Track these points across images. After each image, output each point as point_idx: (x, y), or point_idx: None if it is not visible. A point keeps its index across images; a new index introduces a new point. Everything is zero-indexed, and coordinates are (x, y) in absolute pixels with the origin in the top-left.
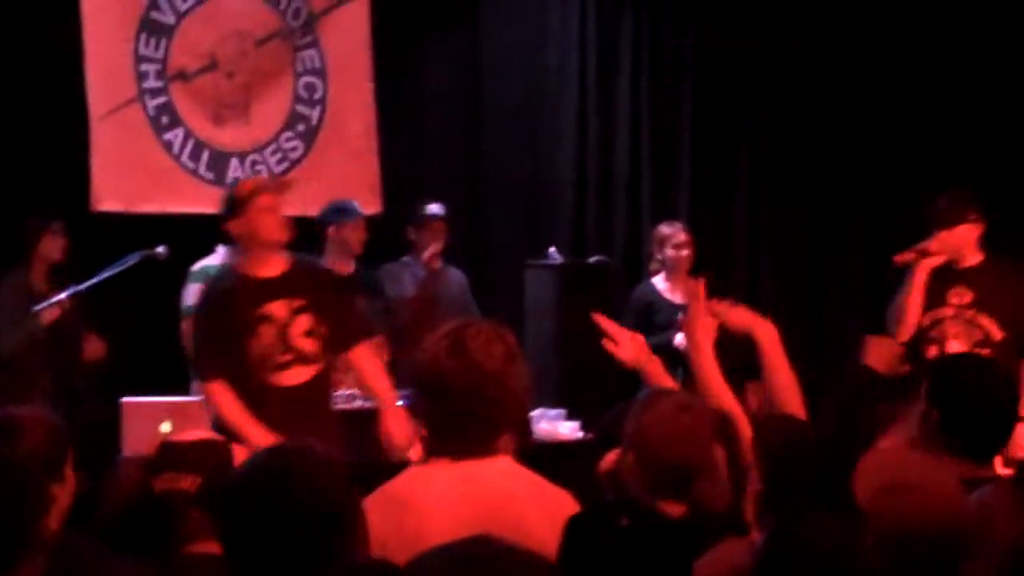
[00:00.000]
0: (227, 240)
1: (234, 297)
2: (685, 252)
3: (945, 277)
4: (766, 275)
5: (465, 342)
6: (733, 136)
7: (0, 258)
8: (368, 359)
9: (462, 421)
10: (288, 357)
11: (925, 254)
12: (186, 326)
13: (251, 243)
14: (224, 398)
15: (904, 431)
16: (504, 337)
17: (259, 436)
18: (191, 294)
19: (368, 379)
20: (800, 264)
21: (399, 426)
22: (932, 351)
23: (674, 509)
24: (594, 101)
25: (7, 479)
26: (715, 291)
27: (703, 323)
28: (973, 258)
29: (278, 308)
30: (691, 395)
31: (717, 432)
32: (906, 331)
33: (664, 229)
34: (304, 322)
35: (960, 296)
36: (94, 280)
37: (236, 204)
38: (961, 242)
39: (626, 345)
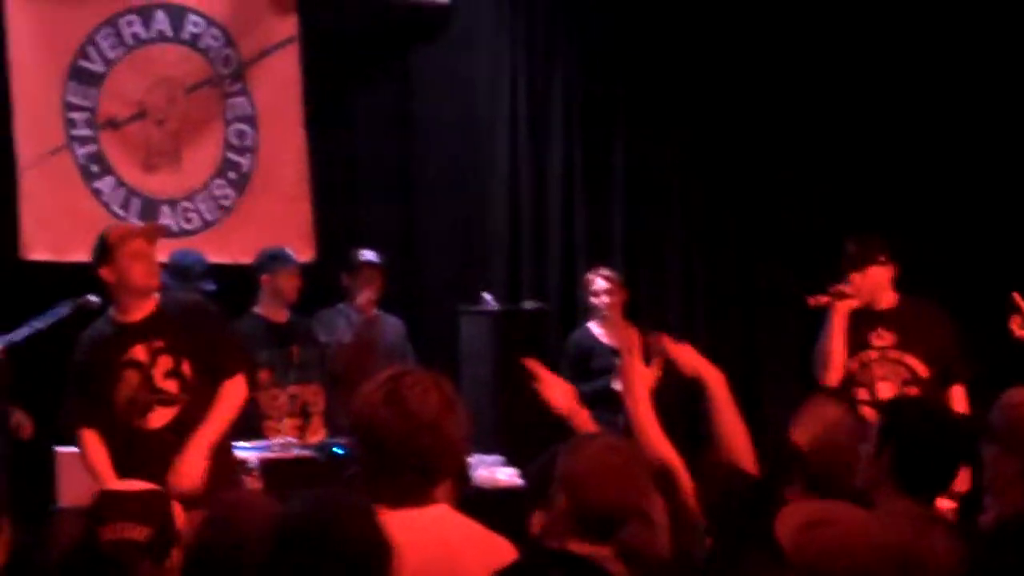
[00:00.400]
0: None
1: (102, 344)
2: (606, 299)
3: (865, 320)
4: (700, 318)
5: (401, 391)
6: (666, 182)
7: None
8: (227, 393)
9: (398, 470)
10: (151, 399)
11: (840, 296)
12: None
13: (120, 289)
14: (91, 446)
15: None
16: (441, 385)
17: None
18: None
19: (210, 411)
20: (733, 307)
21: (188, 467)
22: (862, 394)
23: (602, 551)
24: (526, 147)
25: None
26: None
27: (639, 373)
28: (888, 300)
29: (140, 351)
30: (621, 438)
31: (656, 482)
32: (833, 375)
33: (587, 276)
34: (165, 363)
35: (882, 338)
36: (25, 330)
37: (107, 250)
38: (873, 284)
39: (556, 391)
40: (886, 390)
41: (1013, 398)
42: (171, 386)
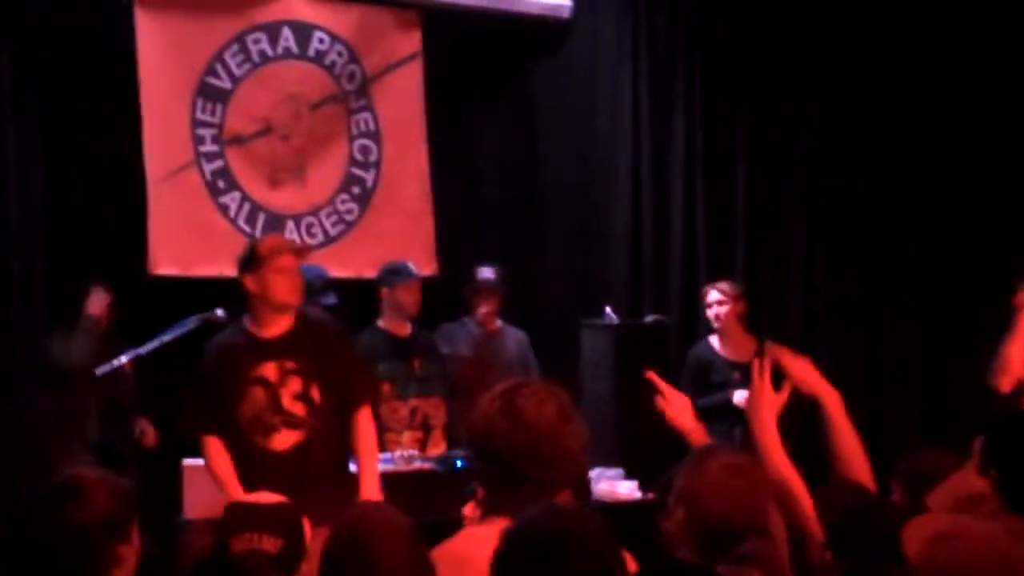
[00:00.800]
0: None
1: (234, 355)
2: (720, 310)
3: None
4: (823, 334)
5: (517, 402)
6: (789, 196)
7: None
8: (363, 426)
9: (517, 481)
10: (276, 420)
11: None
12: None
13: (260, 302)
14: (214, 453)
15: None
16: (557, 396)
17: (239, 495)
18: None
19: (358, 447)
20: (855, 318)
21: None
22: None
23: (725, 571)
24: (648, 162)
25: (72, 540)
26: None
27: (767, 397)
28: None
29: (271, 370)
30: (744, 455)
31: (778, 506)
32: (1008, 381)
33: (704, 289)
34: (295, 385)
35: None
36: (153, 343)
37: (255, 259)
38: None
39: (675, 405)
40: None
41: None
42: (298, 409)
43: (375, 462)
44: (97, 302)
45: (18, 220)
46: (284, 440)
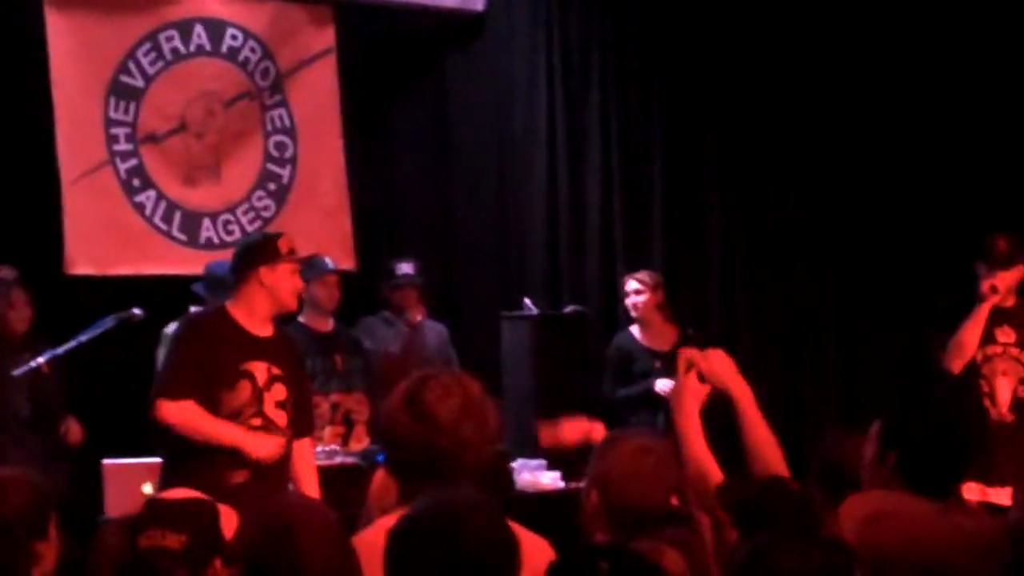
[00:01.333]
0: (198, 302)
1: (223, 341)
2: (638, 300)
3: (992, 316)
4: (741, 319)
5: (421, 396)
6: (704, 186)
7: None
8: (308, 455)
9: (420, 473)
10: (258, 422)
11: (994, 290)
12: None
13: (263, 298)
14: (195, 411)
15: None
16: (465, 388)
17: (240, 435)
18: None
19: (302, 475)
20: (773, 306)
21: None
22: (983, 387)
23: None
24: (563, 153)
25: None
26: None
27: (691, 388)
28: (1011, 299)
29: (260, 369)
30: (654, 439)
31: (702, 500)
32: (961, 363)
33: (623, 279)
34: (278, 392)
35: (1006, 335)
36: (71, 344)
37: (274, 254)
38: (1013, 282)
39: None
40: (1004, 386)
41: None
42: (279, 417)
43: (316, 493)
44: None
45: None
46: None
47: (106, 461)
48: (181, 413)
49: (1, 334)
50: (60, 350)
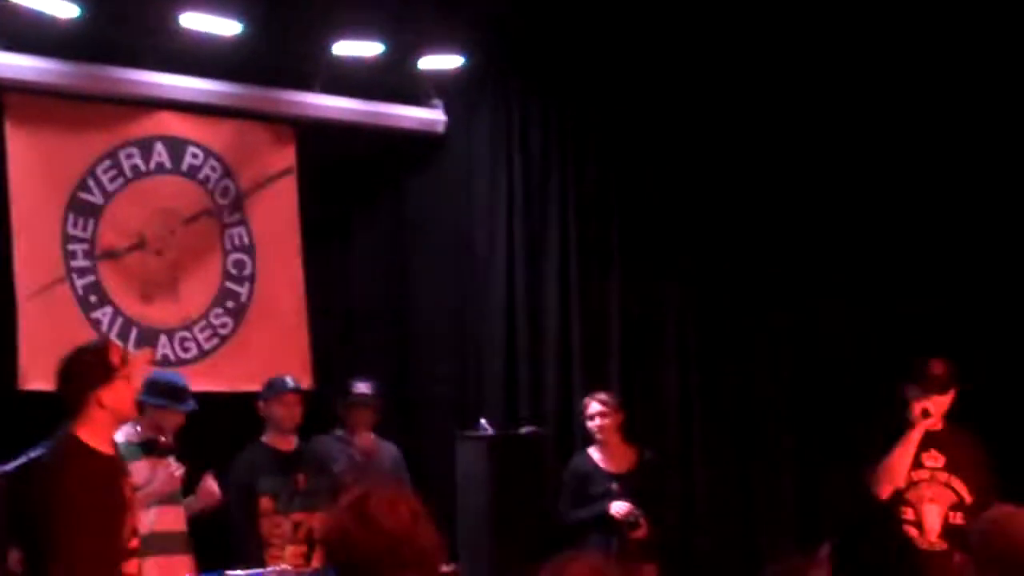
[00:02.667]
0: None
1: (109, 475)
2: (601, 422)
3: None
4: (697, 442)
5: (369, 509)
6: (660, 310)
7: None
8: None
9: None
10: (135, 543)
11: (927, 415)
12: None
13: (107, 417)
14: None
15: None
16: (406, 499)
17: None
18: None
19: None
20: (729, 423)
21: None
22: (909, 514)
23: None
24: (522, 275)
25: None
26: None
27: None
28: (940, 423)
29: (128, 488)
30: (602, 559)
31: None
32: (891, 489)
33: (584, 400)
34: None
35: (934, 459)
36: (20, 460)
37: (109, 372)
38: (945, 407)
39: None
40: (932, 513)
41: (992, 514)
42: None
43: None
44: None
45: None
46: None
47: None
48: None
49: None
50: (9, 467)
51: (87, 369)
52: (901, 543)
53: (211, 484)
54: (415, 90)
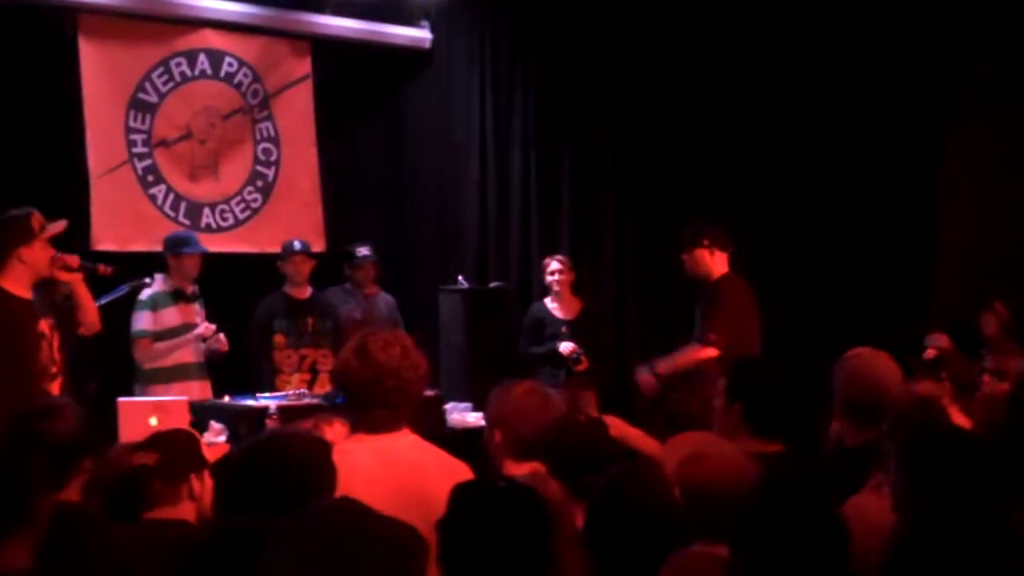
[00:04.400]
0: (164, 269)
1: (23, 314)
2: (557, 277)
3: None
4: (629, 298)
5: (367, 347)
6: (603, 186)
7: None
8: None
9: (369, 406)
10: (55, 369)
11: None
12: (140, 347)
13: (25, 271)
14: None
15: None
16: (401, 340)
17: None
18: (139, 319)
19: None
20: (655, 287)
21: None
22: None
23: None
24: (492, 160)
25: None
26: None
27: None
28: None
29: (45, 325)
30: (537, 384)
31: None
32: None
33: (545, 260)
34: (57, 338)
35: None
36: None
37: (28, 235)
38: None
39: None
40: None
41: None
42: (61, 359)
43: None
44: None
45: None
46: (57, 386)
47: (121, 399)
48: None
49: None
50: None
51: (11, 230)
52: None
53: (222, 338)
54: (407, 13)
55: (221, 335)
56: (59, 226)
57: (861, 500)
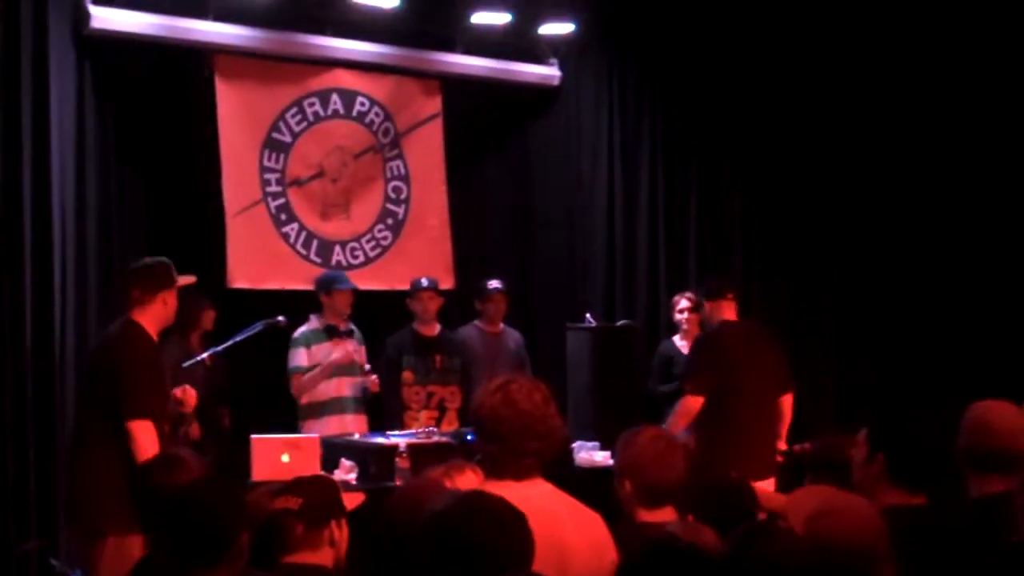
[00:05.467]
0: (318, 309)
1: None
2: (687, 316)
3: None
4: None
5: (511, 394)
6: (730, 225)
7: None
8: None
9: (518, 455)
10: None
11: None
12: (295, 383)
13: (164, 316)
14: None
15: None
16: (539, 387)
17: None
18: (294, 356)
19: None
20: (785, 319)
21: None
22: None
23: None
24: (620, 198)
25: (226, 495)
26: None
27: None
28: None
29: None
30: (660, 428)
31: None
32: None
33: (674, 298)
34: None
35: None
36: (229, 343)
37: (172, 282)
38: None
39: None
40: None
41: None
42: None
43: None
44: (208, 315)
45: (119, 244)
46: None
47: (254, 436)
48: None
49: (186, 332)
50: (220, 347)
51: (161, 274)
52: None
53: (373, 378)
54: (535, 51)
55: (373, 376)
56: (190, 279)
57: None
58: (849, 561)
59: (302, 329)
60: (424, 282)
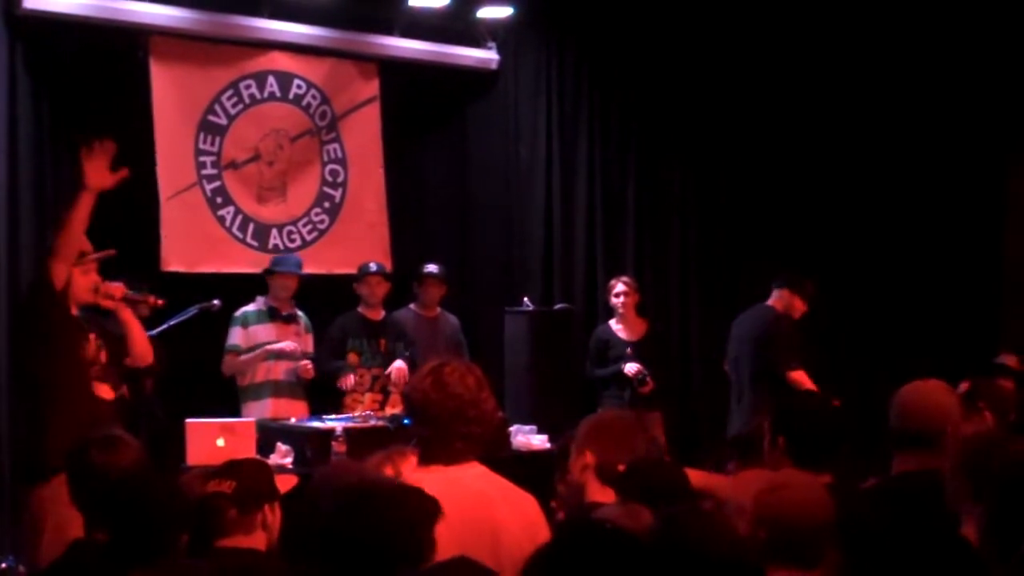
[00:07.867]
0: (256, 292)
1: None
2: (622, 299)
3: None
4: (694, 319)
5: (444, 377)
6: (668, 209)
7: None
8: None
9: (450, 438)
10: (98, 369)
11: None
12: (226, 360)
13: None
14: None
15: None
16: (473, 370)
17: None
18: (231, 335)
19: None
20: (723, 314)
21: None
22: None
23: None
24: (558, 183)
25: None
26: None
27: None
28: None
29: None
30: (625, 411)
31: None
32: None
33: (611, 282)
34: (105, 355)
35: None
36: (163, 326)
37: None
38: None
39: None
40: None
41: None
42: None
43: None
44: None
45: (52, 225)
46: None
47: (189, 420)
48: None
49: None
50: (154, 332)
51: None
52: None
53: (306, 365)
54: (474, 34)
55: (308, 363)
56: (103, 254)
57: None
58: (803, 535)
59: (244, 308)
60: (373, 267)
